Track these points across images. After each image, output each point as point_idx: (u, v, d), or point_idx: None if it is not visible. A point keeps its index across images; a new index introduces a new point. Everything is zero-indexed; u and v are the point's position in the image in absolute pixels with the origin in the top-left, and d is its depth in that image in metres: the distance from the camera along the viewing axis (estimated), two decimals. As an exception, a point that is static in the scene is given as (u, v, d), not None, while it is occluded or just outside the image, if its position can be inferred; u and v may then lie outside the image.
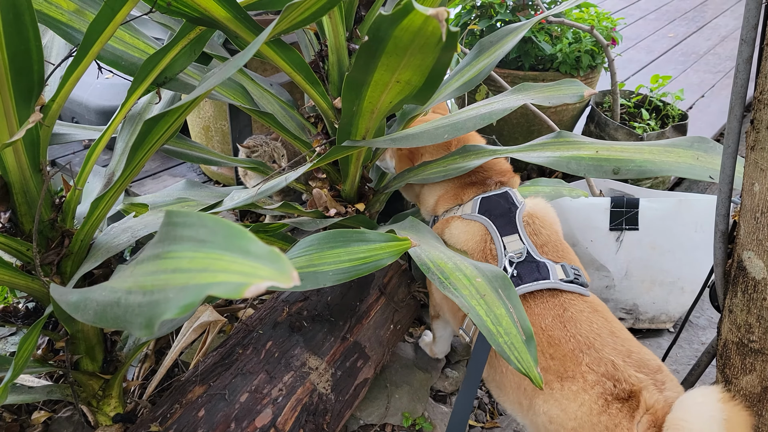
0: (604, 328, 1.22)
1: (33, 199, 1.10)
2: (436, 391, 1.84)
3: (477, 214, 1.45)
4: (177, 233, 0.61)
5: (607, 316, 1.26)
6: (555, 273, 1.29)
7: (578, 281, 1.30)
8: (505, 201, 1.47)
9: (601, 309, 1.27)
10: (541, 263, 1.32)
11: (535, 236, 1.39)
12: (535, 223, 1.42)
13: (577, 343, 1.19)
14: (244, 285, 0.46)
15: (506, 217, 1.43)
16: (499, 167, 1.56)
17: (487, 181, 1.52)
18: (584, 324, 1.22)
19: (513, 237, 1.39)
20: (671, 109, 2.57)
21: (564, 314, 1.24)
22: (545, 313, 1.26)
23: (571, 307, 1.25)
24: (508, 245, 1.37)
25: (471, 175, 1.53)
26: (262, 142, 2.01)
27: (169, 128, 1.04)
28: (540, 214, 1.45)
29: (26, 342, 1.00)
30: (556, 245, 1.40)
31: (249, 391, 1.29)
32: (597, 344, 1.18)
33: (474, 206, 1.48)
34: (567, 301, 1.27)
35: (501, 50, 1.52)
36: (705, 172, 1.27)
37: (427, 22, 0.69)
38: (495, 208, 1.46)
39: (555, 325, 1.23)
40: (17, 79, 0.86)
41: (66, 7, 1.16)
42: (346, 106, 1.13)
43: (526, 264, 1.33)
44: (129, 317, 0.63)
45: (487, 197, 1.48)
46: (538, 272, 1.30)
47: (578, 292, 1.28)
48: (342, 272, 1.11)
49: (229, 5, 1.12)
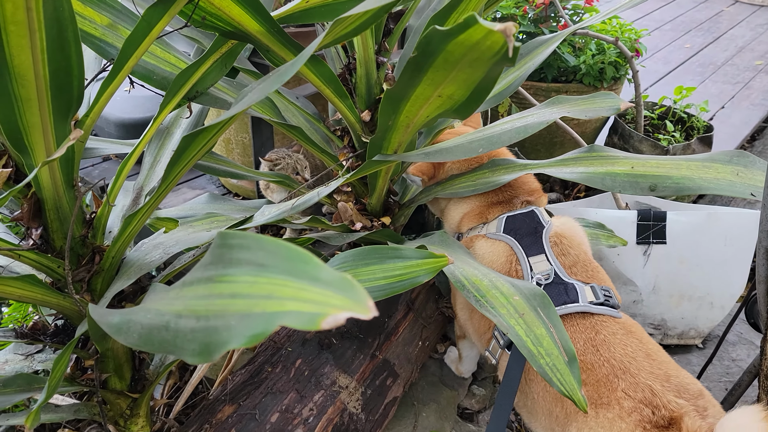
0: (640, 350, 1.17)
1: (65, 216, 1.09)
2: (463, 409, 1.81)
3: (502, 234, 1.42)
4: (232, 256, 0.58)
5: (641, 338, 1.21)
6: (584, 295, 1.25)
7: (609, 303, 1.25)
8: (531, 220, 1.43)
9: (635, 330, 1.23)
10: (570, 285, 1.27)
11: (563, 257, 1.35)
12: (563, 243, 1.37)
13: (611, 367, 1.14)
14: (319, 315, 0.44)
15: (532, 236, 1.39)
16: (529, 186, 1.52)
17: (513, 200, 1.49)
18: (618, 347, 1.17)
19: (540, 257, 1.35)
20: (696, 120, 2.54)
21: (596, 337, 1.20)
22: (576, 337, 1.21)
23: (603, 330, 1.20)
24: (535, 266, 1.33)
25: (498, 193, 1.50)
26: (284, 155, 2.00)
27: (206, 144, 1.02)
28: (568, 234, 1.41)
29: (60, 362, 0.98)
30: (585, 265, 1.36)
31: (279, 410, 1.27)
32: (633, 368, 1.13)
33: (499, 225, 1.44)
34: (598, 323, 1.22)
35: (532, 63, 1.50)
36: (746, 189, 1.23)
37: (488, 37, 0.66)
38: (521, 227, 1.42)
39: (587, 349, 1.19)
40: (57, 96, 0.84)
41: (99, 22, 1.15)
42: (382, 120, 1.11)
43: (553, 286, 1.28)
44: (180, 342, 0.60)
45: (512, 216, 1.44)
46: (566, 294, 1.26)
47: (608, 314, 1.23)
48: (377, 290, 1.08)
49: (264, 19, 1.11)
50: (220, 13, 1.07)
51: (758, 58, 4.55)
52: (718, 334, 2.18)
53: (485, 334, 1.38)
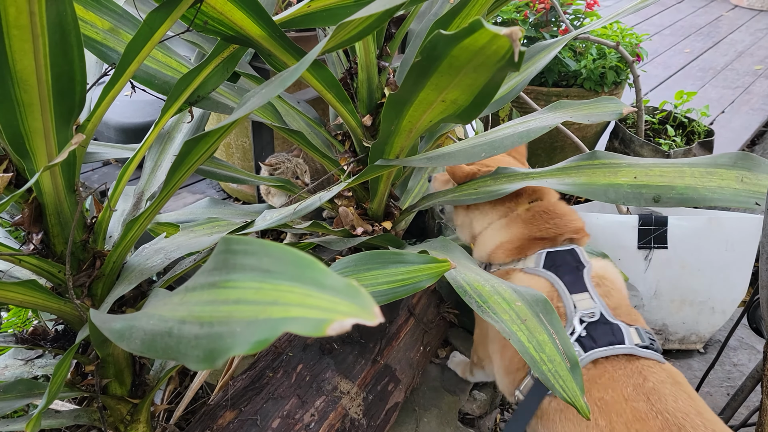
0: (690, 406, 1.09)
1: (66, 220, 1.08)
2: (464, 414, 1.80)
3: (542, 269, 1.35)
4: (237, 261, 0.58)
5: (689, 392, 1.14)
6: (630, 337, 1.20)
7: (653, 347, 1.20)
8: (572, 258, 1.36)
9: (681, 381, 1.16)
10: (615, 325, 1.22)
11: (606, 298, 1.29)
12: (606, 285, 1.32)
13: (665, 421, 1.07)
14: (325, 321, 0.43)
15: (574, 274, 1.32)
16: (574, 225, 1.44)
17: (557, 237, 1.41)
18: (669, 399, 1.10)
19: (583, 295, 1.28)
20: (696, 125, 2.54)
21: (645, 384, 1.12)
22: (625, 381, 1.14)
23: (651, 377, 1.14)
24: (578, 303, 1.26)
25: (542, 228, 1.42)
26: (284, 159, 1.99)
27: (208, 149, 1.02)
28: (610, 276, 1.36)
29: (61, 367, 0.98)
30: (628, 310, 1.29)
31: (281, 416, 1.26)
32: (688, 426, 1.06)
33: (538, 260, 1.37)
34: (645, 369, 1.15)
35: (534, 67, 1.50)
36: (750, 197, 1.21)
37: (493, 41, 0.66)
38: (561, 264, 1.35)
39: (638, 396, 1.11)
40: (59, 100, 0.84)
41: (101, 26, 1.15)
42: (385, 125, 1.11)
43: (599, 325, 1.22)
44: (183, 349, 0.60)
45: (553, 252, 1.37)
46: (612, 335, 1.20)
47: (655, 359, 1.17)
48: (380, 295, 1.08)
49: (266, 24, 1.11)
50: (223, 18, 1.07)
51: (758, 63, 4.56)
52: (719, 338, 2.18)
53: (517, 372, 1.30)
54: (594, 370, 1.17)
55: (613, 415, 1.10)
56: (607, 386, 1.14)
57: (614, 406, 1.11)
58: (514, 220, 1.46)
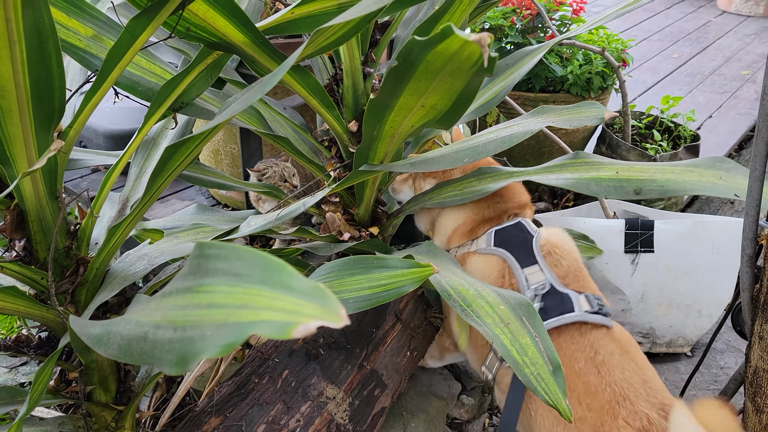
0: (636, 375, 1.16)
1: (48, 227, 1.08)
2: (452, 419, 1.80)
3: (493, 247, 1.40)
4: (210, 266, 0.58)
5: (637, 359, 1.20)
6: (580, 304, 1.24)
7: (602, 311, 1.25)
8: (520, 231, 1.41)
9: (630, 349, 1.22)
10: (565, 295, 1.27)
11: (555, 267, 1.34)
12: (556, 253, 1.36)
13: (613, 393, 1.13)
14: (291, 324, 0.44)
15: (524, 247, 1.38)
16: (519, 199, 1.50)
17: (502, 215, 1.47)
18: (617, 371, 1.16)
19: (534, 268, 1.34)
20: (683, 130, 2.56)
21: (596, 357, 1.18)
22: (577, 356, 1.19)
23: (602, 350, 1.19)
24: (530, 277, 1.32)
25: (489, 208, 1.48)
26: (271, 164, 1.99)
27: (189, 155, 1.02)
28: (559, 243, 1.40)
29: (42, 374, 0.97)
30: (576, 275, 1.35)
31: (266, 422, 1.26)
32: (632, 395, 1.12)
33: (488, 239, 1.43)
34: (597, 342, 1.21)
35: (517, 73, 1.51)
36: (730, 190, 1.24)
37: (465, 47, 0.67)
38: (510, 239, 1.40)
39: (589, 370, 1.17)
40: (38, 107, 0.84)
41: (84, 33, 1.15)
42: (367, 130, 1.11)
43: (549, 296, 1.28)
44: (158, 353, 0.60)
45: (500, 229, 1.43)
46: (563, 305, 1.25)
47: (603, 323, 1.22)
48: (363, 299, 1.08)
49: (249, 30, 1.11)
50: (205, 25, 1.07)
51: (745, 68, 4.60)
52: (706, 342, 2.19)
53: (483, 347, 1.37)
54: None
55: (567, 391, 1.13)
56: (562, 363, 1.15)
57: (568, 382, 1.15)
58: (465, 203, 1.51)
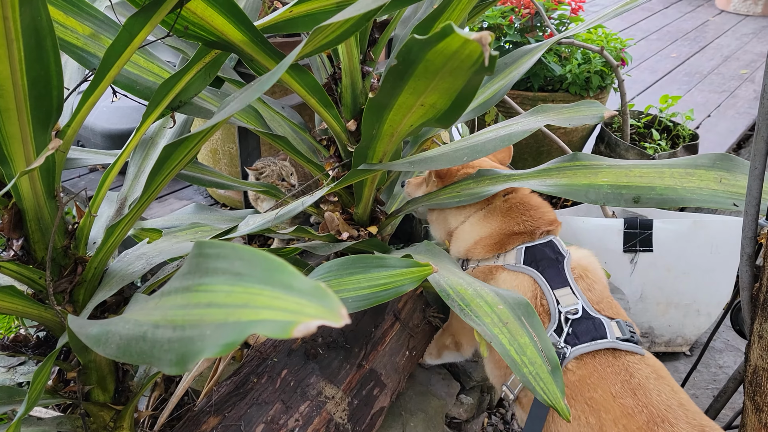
0: (673, 398, 1.14)
1: (46, 226, 1.08)
2: (451, 419, 1.80)
3: (523, 266, 1.36)
4: (209, 265, 0.58)
5: (672, 385, 1.18)
6: (612, 331, 1.22)
7: (633, 339, 1.22)
8: (551, 251, 1.37)
9: (664, 375, 1.20)
10: (597, 320, 1.24)
11: (589, 292, 1.30)
12: (589, 278, 1.33)
13: (650, 415, 1.11)
14: (291, 323, 0.44)
15: (554, 268, 1.34)
16: (548, 217, 1.45)
17: (534, 231, 1.41)
18: (653, 393, 1.14)
19: (565, 290, 1.30)
20: (681, 129, 2.56)
21: (632, 380, 1.16)
22: (613, 378, 1.17)
23: (636, 373, 1.17)
24: (561, 299, 1.28)
25: (519, 222, 1.43)
26: (269, 163, 1.99)
27: (188, 154, 1.02)
28: (591, 267, 1.37)
29: (40, 374, 0.97)
30: (609, 302, 1.32)
31: (265, 422, 1.26)
32: (671, 417, 1.10)
33: (518, 256, 1.38)
34: (631, 365, 1.18)
35: (516, 72, 1.51)
36: (728, 198, 1.22)
37: (465, 46, 0.67)
38: (541, 258, 1.36)
39: (625, 392, 1.15)
40: (36, 105, 0.84)
41: (81, 32, 1.14)
42: (366, 129, 1.11)
43: (582, 321, 1.24)
44: (157, 353, 0.60)
45: (532, 247, 1.38)
46: (595, 330, 1.22)
47: (635, 351, 1.20)
48: (362, 299, 1.08)
49: (247, 29, 1.11)
50: (203, 23, 1.07)
51: (744, 67, 4.60)
52: (705, 341, 2.19)
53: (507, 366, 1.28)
54: (583, 369, 1.19)
55: (603, 413, 1.14)
56: (597, 385, 1.17)
57: (603, 403, 1.15)
58: (492, 213, 1.47)
